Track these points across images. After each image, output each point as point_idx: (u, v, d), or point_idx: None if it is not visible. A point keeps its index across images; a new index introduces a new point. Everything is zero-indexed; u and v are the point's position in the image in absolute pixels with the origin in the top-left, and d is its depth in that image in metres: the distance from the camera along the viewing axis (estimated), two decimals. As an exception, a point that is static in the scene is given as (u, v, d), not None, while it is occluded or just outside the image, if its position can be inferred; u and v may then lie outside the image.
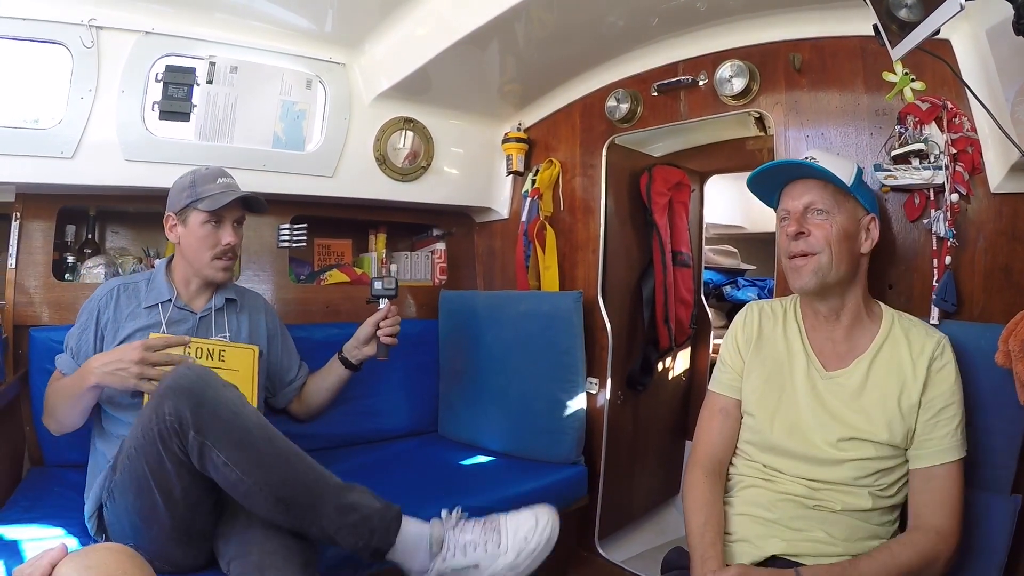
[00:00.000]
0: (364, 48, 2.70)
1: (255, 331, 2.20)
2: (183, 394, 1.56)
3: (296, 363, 2.39)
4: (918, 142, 1.86)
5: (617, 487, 2.86)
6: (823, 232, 1.60)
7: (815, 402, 1.62)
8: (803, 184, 1.65)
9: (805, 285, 1.62)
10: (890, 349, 1.61)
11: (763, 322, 1.79)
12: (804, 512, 1.57)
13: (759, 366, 1.74)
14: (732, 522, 1.65)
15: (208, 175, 2.05)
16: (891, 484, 1.56)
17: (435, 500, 2.09)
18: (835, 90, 2.11)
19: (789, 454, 1.62)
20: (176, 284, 2.08)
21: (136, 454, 1.59)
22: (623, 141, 2.82)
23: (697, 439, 1.81)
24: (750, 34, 2.30)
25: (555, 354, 2.60)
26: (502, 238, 3.29)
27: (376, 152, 2.84)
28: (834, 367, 1.64)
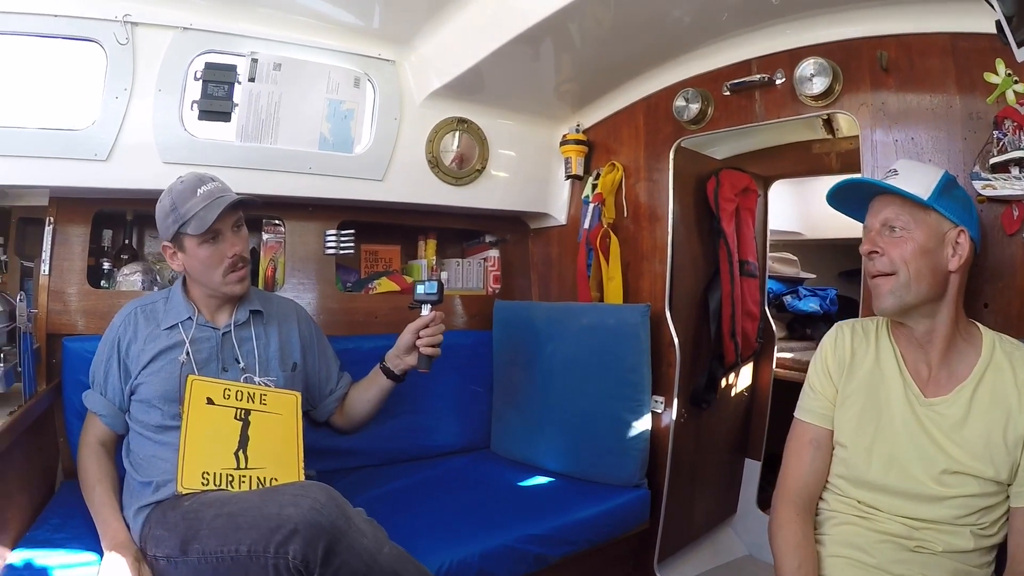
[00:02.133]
0: (414, 45, 2.59)
1: (287, 342, 2.06)
2: (319, 533, 1.43)
3: (336, 372, 2.24)
4: (1018, 149, 1.71)
5: (678, 509, 2.72)
6: (898, 250, 1.51)
7: (916, 431, 1.50)
8: (881, 199, 1.58)
9: (884, 307, 1.54)
10: (993, 376, 1.49)
11: (855, 344, 1.66)
12: (905, 555, 1.47)
13: (853, 393, 1.62)
14: (825, 564, 1.55)
15: (185, 190, 1.86)
16: (992, 523, 1.45)
17: (489, 526, 2.07)
18: (925, 91, 1.95)
19: (887, 490, 1.52)
20: (195, 301, 1.96)
21: (233, 565, 1.48)
22: (689, 144, 2.68)
23: (785, 472, 1.69)
24: (830, 30, 2.16)
25: (620, 371, 2.48)
26: (559, 245, 3.15)
27: (428, 154, 2.73)
28: (933, 394, 1.52)
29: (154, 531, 1.65)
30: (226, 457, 1.77)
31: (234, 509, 1.54)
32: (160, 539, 1.61)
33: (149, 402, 1.83)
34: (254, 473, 1.78)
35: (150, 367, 1.84)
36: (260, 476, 1.78)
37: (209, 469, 1.73)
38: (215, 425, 1.78)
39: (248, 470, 1.78)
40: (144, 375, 1.84)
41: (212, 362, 1.90)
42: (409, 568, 1.55)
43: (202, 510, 1.59)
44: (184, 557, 1.55)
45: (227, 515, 1.53)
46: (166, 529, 1.62)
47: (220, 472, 1.74)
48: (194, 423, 1.76)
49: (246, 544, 1.45)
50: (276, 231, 2.67)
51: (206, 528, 1.54)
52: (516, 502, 2.32)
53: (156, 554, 1.61)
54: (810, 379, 1.71)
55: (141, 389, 1.84)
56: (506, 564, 1.96)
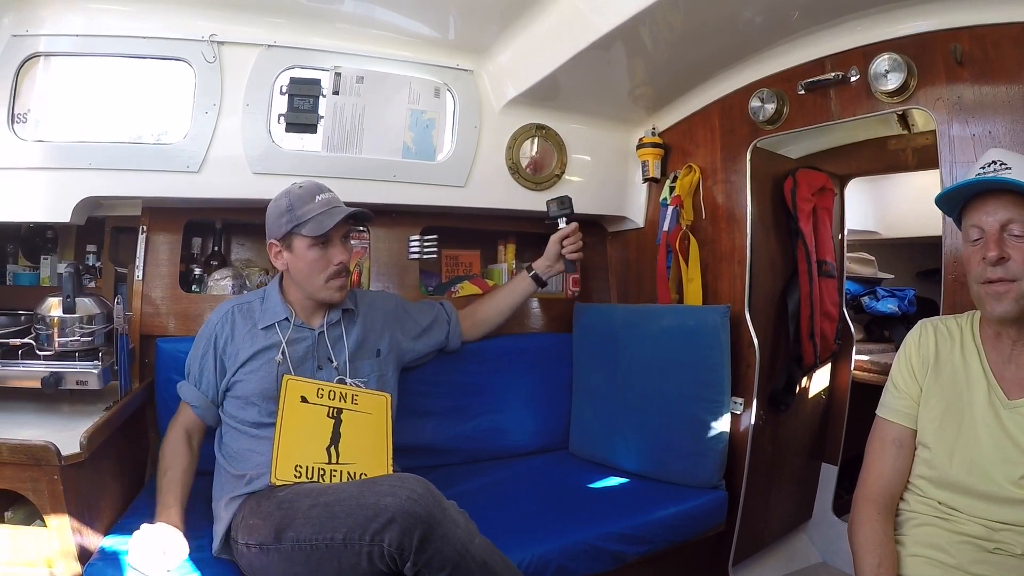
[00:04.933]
0: (491, 55, 2.66)
1: (371, 331, 2.16)
2: (415, 521, 1.49)
3: (434, 309, 2.47)
4: None
5: (754, 512, 2.71)
6: (1023, 256, 1.43)
7: (998, 434, 1.47)
8: (997, 198, 1.47)
9: (1006, 313, 1.46)
10: None
11: (939, 343, 1.63)
12: (983, 556, 1.45)
13: (937, 392, 1.59)
14: (905, 564, 1.54)
15: (304, 194, 1.98)
16: None
17: (568, 524, 2.10)
18: (1001, 83, 1.92)
19: (968, 492, 1.50)
20: (291, 303, 2.05)
21: (327, 552, 1.55)
22: (764, 144, 2.66)
23: (867, 471, 1.68)
24: (901, 25, 2.14)
25: (700, 372, 2.48)
26: (638, 248, 3.16)
27: (508, 160, 2.78)
28: (1017, 395, 1.49)
29: (248, 520, 1.71)
30: (318, 452, 1.85)
31: (330, 499, 1.60)
32: (254, 527, 1.68)
33: (247, 399, 1.91)
34: (345, 468, 1.86)
35: (248, 366, 1.93)
36: (351, 471, 1.86)
37: (302, 463, 1.81)
38: (308, 422, 1.87)
39: (339, 465, 1.85)
40: (241, 373, 1.93)
41: (308, 361, 1.99)
42: (496, 559, 1.60)
43: (297, 500, 1.66)
44: (278, 545, 1.61)
45: (323, 504, 1.60)
46: (260, 518, 1.68)
47: (312, 466, 1.82)
48: (289, 419, 1.84)
49: (342, 532, 1.51)
50: (361, 237, 2.75)
51: (302, 517, 1.60)
52: (594, 501, 2.37)
53: (248, 542, 1.67)
54: (893, 377, 1.69)
55: (238, 387, 1.93)
56: (584, 561, 2.00)
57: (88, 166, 2.18)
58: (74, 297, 2.06)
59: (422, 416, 2.52)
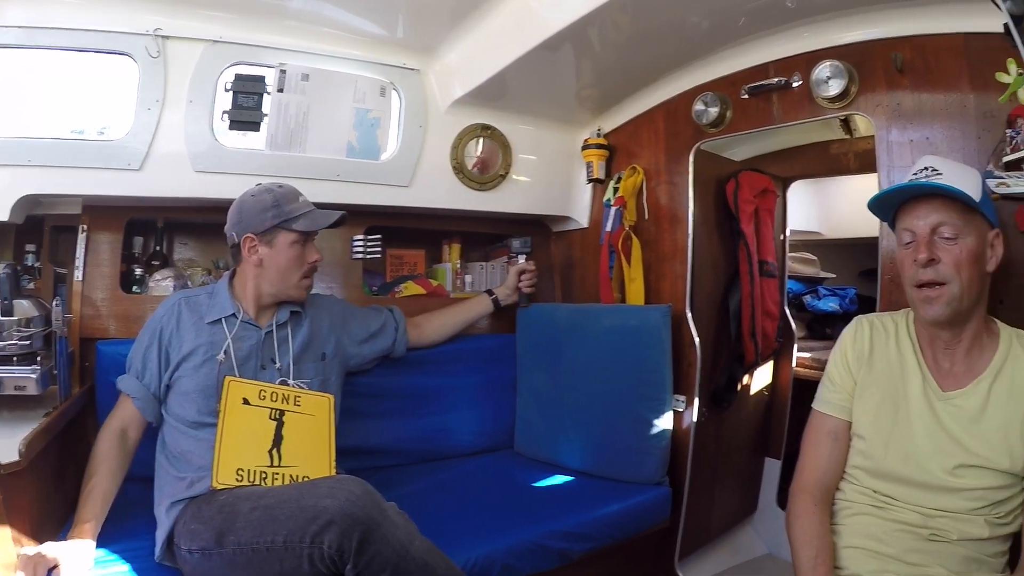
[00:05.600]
0: (438, 54, 2.65)
1: (317, 334, 2.16)
2: (354, 523, 1.49)
3: (383, 315, 2.48)
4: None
5: (698, 507, 2.75)
6: (953, 258, 1.47)
7: (932, 425, 1.52)
8: (928, 202, 1.52)
9: (938, 316, 1.51)
10: (1011, 370, 1.50)
11: (874, 338, 1.68)
12: (920, 544, 1.50)
13: (872, 385, 1.64)
14: (841, 555, 1.59)
15: (289, 194, 2.03)
16: (1008, 513, 1.48)
17: (514, 523, 2.10)
18: (939, 91, 1.98)
19: (903, 481, 1.54)
20: (241, 300, 2.03)
21: (268, 556, 1.54)
22: (708, 147, 2.70)
23: (803, 463, 1.72)
24: (845, 33, 2.19)
25: (642, 371, 2.51)
26: (581, 248, 3.19)
27: (453, 160, 2.78)
28: (951, 387, 1.54)
29: (189, 525, 1.69)
30: (260, 455, 1.83)
31: (271, 502, 1.60)
32: (195, 532, 1.66)
33: (187, 395, 1.88)
34: (287, 471, 1.84)
35: (191, 360, 1.91)
36: (293, 474, 1.84)
37: (244, 466, 1.80)
38: (250, 424, 1.85)
39: (281, 468, 1.84)
40: (184, 368, 1.90)
41: (251, 360, 1.97)
42: (437, 560, 1.60)
43: (238, 503, 1.65)
44: (219, 549, 1.59)
45: (264, 507, 1.59)
46: (201, 523, 1.66)
47: (254, 469, 1.80)
48: (230, 421, 1.82)
49: (282, 535, 1.50)
50: (305, 236, 2.73)
51: (242, 520, 1.59)
52: (540, 500, 2.37)
53: (190, 548, 1.65)
54: (829, 372, 1.73)
55: (181, 382, 1.90)
56: (530, 560, 2.01)
57: (28, 163, 2.12)
58: (11, 299, 2.02)
59: (367, 418, 2.50)
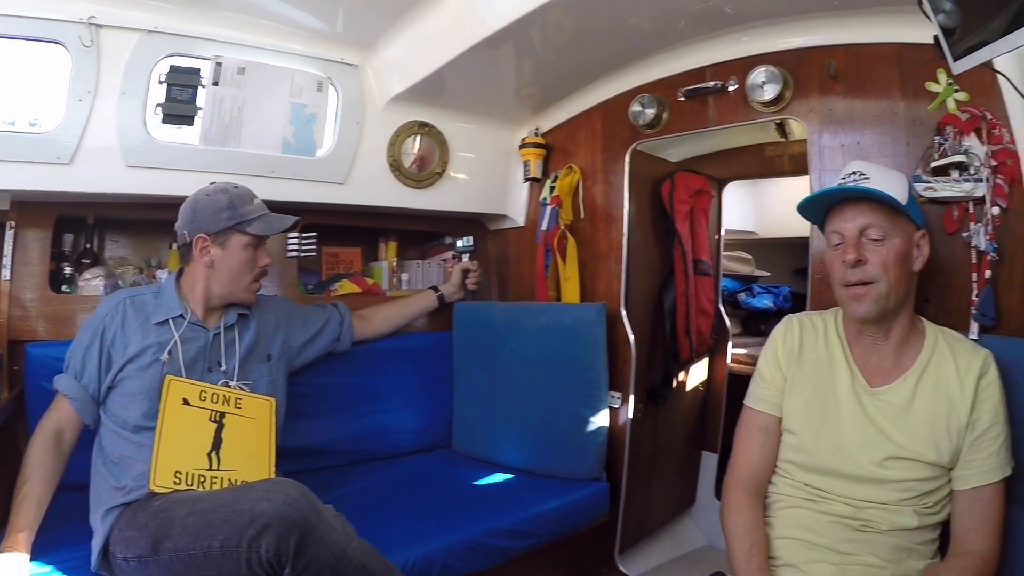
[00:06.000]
0: (377, 49, 2.62)
1: (263, 335, 2.14)
2: (291, 526, 1.47)
3: (327, 311, 2.48)
4: (958, 154, 1.83)
5: (637, 501, 2.81)
6: (880, 258, 1.53)
7: (861, 419, 1.58)
8: (855, 205, 1.57)
9: (867, 314, 1.55)
10: (936, 366, 1.56)
11: (804, 336, 1.73)
12: (851, 534, 1.54)
13: (802, 382, 1.68)
14: (775, 546, 1.61)
15: (244, 195, 2.00)
16: (936, 503, 1.52)
17: (453, 522, 2.09)
18: (871, 98, 2.06)
19: (834, 473, 1.58)
20: (188, 300, 1.98)
21: (205, 561, 1.51)
22: (644, 147, 2.75)
23: (736, 458, 1.75)
24: (782, 39, 2.24)
25: (577, 368, 2.53)
26: (518, 247, 3.21)
27: (390, 158, 2.76)
28: (879, 383, 1.60)
29: (124, 532, 1.65)
30: (199, 458, 1.80)
31: (206, 507, 1.57)
32: (131, 540, 1.62)
33: (133, 397, 1.82)
34: (226, 475, 1.81)
35: (136, 361, 1.84)
36: (232, 478, 1.81)
37: (182, 469, 1.76)
38: (190, 426, 1.81)
39: (220, 471, 1.81)
40: (129, 369, 1.84)
41: (199, 362, 1.93)
42: (375, 562, 1.59)
43: (173, 509, 1.61)
44: (156, 556, 1.56)
45: (199, 512, 1.56)
46: (137, 530, 1.63)
47: (193, 472, 1.77)
48: (169, 423, 1.78)
49: (219, 540, 1.48)
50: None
51: (178, 526, 1.56)
52: (478, 498, 2.37)
53: (126, 556, 1.62)
54: (760, 369, 1.77)
55: (126, 384, 1.84)
56: (470, 558, 2.01)
57: (-48, 156, 2.04)
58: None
59: (305, 418, 2.46)
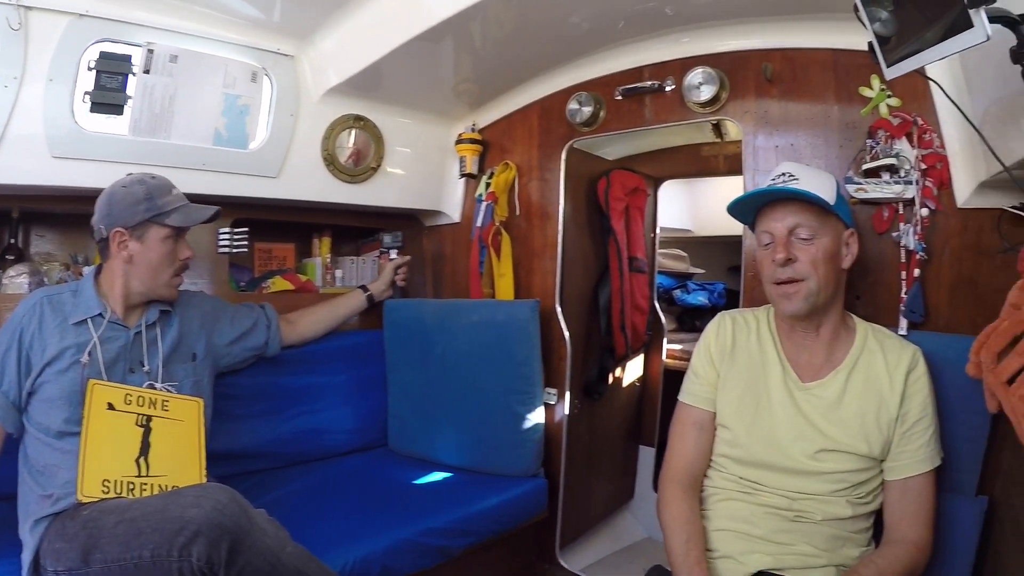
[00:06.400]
0: (314, 40, 2.56)
1: (187, 333, 2.08)
2: (223, 533, 1.43)
3: (255, 312, 2.41)
4: (889, 157, 1.90)
5: (576, 497, 2.84)
6: (809, 257, 1.59)
7: (793, 413, 1.63)
8: (785, 206, 1.63)
9: (797, 311, 1.61)
10: (867, 362, 1.63)
11: (736, 332, 1.78)
12: (786, 525, 1.58)
13: (734, 377, 1.73)
14: (712, 538, 1.65)
15: (162, 186, 1.93)
16: (868, 493, 1.59)
17: (391, 522, 2.07)
18: (806, 101, 2.12)
19: (767, 466, 1.63)
20: (108, 299, 1.91)
21: (136, 572, 1.46)
22: (581, 145, 2.77)
23: (671, 453, 1.79)
24: (720, 41, 2.30)
25: (512, 365, 2.54)
26: (453, 243, 3.21)
27: (324, 152, 2.70)
28: (810, 378, 1.65)
29: (53, 544, 1.60)
30: (127, 464, 1.74)
31: (135, 515, 1.52)
32: (60, 552, 1.58)
33: (52, 402, 1.75)
34: (155, 481, 1.76)
35: (55, 364, 1.77)
36: (162, 484, 1.76)
37: (110, 477, 1.70)
38: (116, 431, 1.75)
39: (149, 478, 1.76)
40: (49, 372, 1.77)
41: (119, 363, 1.87)
42: (311, 567, 1.58)
43: (102, 518, 1.57)
44: (86, 568, 1.52)
45: (128, 521, 1.51)
46: (66, 541, 1.58)
47: (121, 480, 1.71)
48: (94, 429, 1.71)
49: (149, 549, 1.44)
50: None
51: (107, 536, 1.51)
52: (416, 497, 2.35)
53: (56, 568, 1.57)
54: (694, 365, 1.81)
55: (45, 388, 1.76)
56: (409, 558, 1.99)
57: None
58: None
59: (236, 420, 2.40)
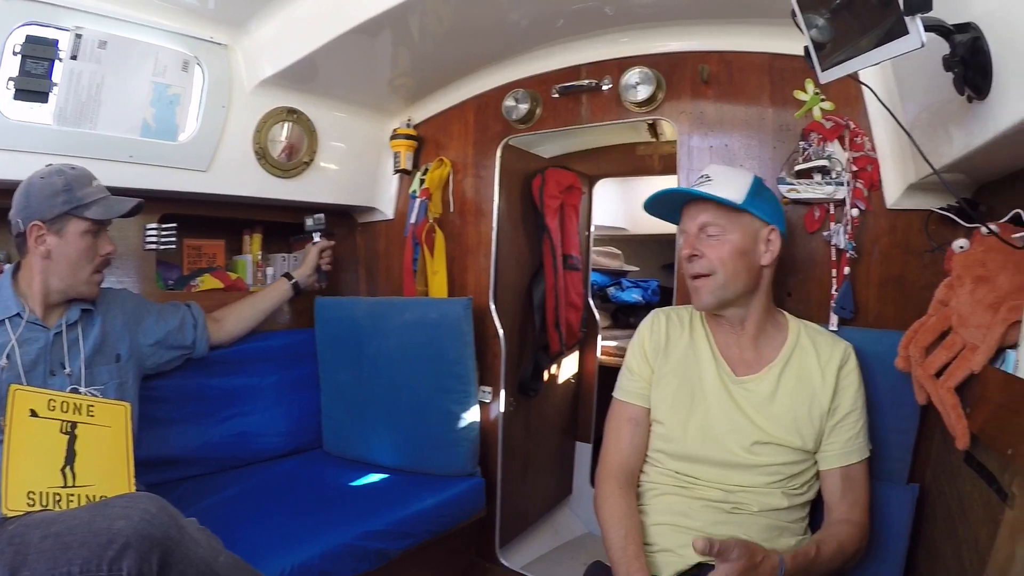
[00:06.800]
0: (249, 29, 2.49)
1: (110, 333, 2.02)
2: (153, 545, 1.37)
3: (180, 311, 2.34)
4: (821, 159, 1.97)
5: (514, 494, 2.85)
6: (716, 252, 1.65)
7: (728, 406, 1.68)
8: (697, 205, 1.71)
9: (704, 304, 1.70)
10: (799, 358, 1.69)
11: (670, 329, 1.82)
12: (723, 517, 1.62)
13: (669, 373, 1.77)
14: (650, 532, 1.68)
15: (81, 177, 1.86)
16: (803, 484, 1.66)
17: (328, 526, 2.05)
18: (741, 103, 2.18)
19: (703, 460, 1.67)
20: (26, 297, 1.85)
21: None
22: (516, 142, 2.79)
23: (606, 450, 1.82)
24: (658, 42, 2.34)
25: (446, 364, 2.53)
26: (387, 240, 3.17)
27: (256, 145, 2.62)
28: (743, 373, 1.71)
29: None
30: (52, 475, 1.65)
31: (62, 528, 1.45)
32: None
33: None
34: (82, 491, 1.67)
35: None
36: (89, 494, 1.67)
37: (35, 488, 1.61)
38: (40, 440, 1.66)
39: (76, 488, 1.67)
40: None
41: (39, 365, 1.81)
42: (246, 575, 1.56)
43: (28, 533, 1.49)
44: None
45: (55, 535, 1.44)
46: None
47: (46, 491, 1.62)
48: (17, 437, 1.61)
49: (78, 564, 1.37)
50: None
51: (34, 552, 1.44)
52: (353, 500, 2.33)
53: None
54: (628, 362, 1.85)
55: None
56: (348, 563, 1.97)
57: None
58: None
59: (164, 425, 2.33)
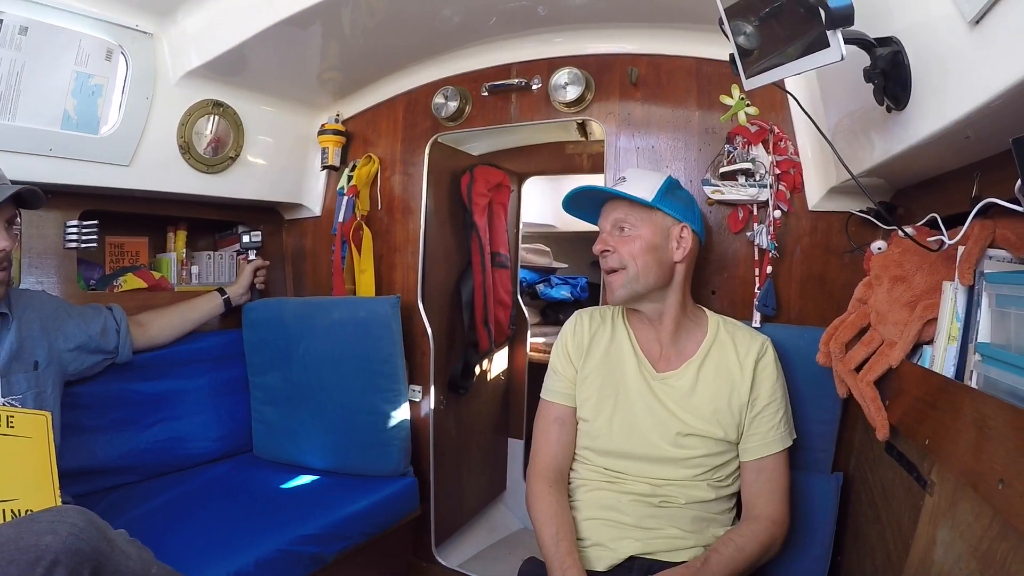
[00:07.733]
0: (176, 18, 2.41)
1: (27, 339, 1.94)
2: (83, 560, 1.33)
3: (102, 315, 2.25)
4: (745, 161, 2.07)
5: (448, 492, 2.90)
6: (627, 247, 1.75)
7: (651, 401, 1.75)
8: (612, 203, 1.82)
9: (617, 298, 1.78)
10: (718, 352, 1.78)
11: (592, 329, 1.89)
12: (652, 510, 1.70)
13: (592, 372, 1.83)
14: (582, 527, 1.74)
15: None
16: (727, 476, 1.74)
17: (261, 532, 2.03)
18: (668, 105, 2.27)
19: (629, 455, 1.75)
20: None
21: None
22: (446, 140, 2.82)
23: (536, 449, 1.88)
24: (588, 44, 2.41)
25: (374, 363, 2.54)
26: (314, 238, 3.16)
27: (180, 139, 2.55)
28: (664, 369, 1.79)
29: None
30: None
31: None
32: None
33: None
34: (5, 506, 1.60)
35: None
36: (14, 508, 1.61)
37: None
38: None
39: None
40: None
41: None
42: None
43: None
44: None
45: None
46: None
47: None
48: None
49: None
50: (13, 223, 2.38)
51: None
52: (286, 504, 2.31)
53: None
54: (553, 363, 1.92)
55: None
56: (283, 568, 1.97)
57: None
58: None
59: (88, 433, 2.28)
